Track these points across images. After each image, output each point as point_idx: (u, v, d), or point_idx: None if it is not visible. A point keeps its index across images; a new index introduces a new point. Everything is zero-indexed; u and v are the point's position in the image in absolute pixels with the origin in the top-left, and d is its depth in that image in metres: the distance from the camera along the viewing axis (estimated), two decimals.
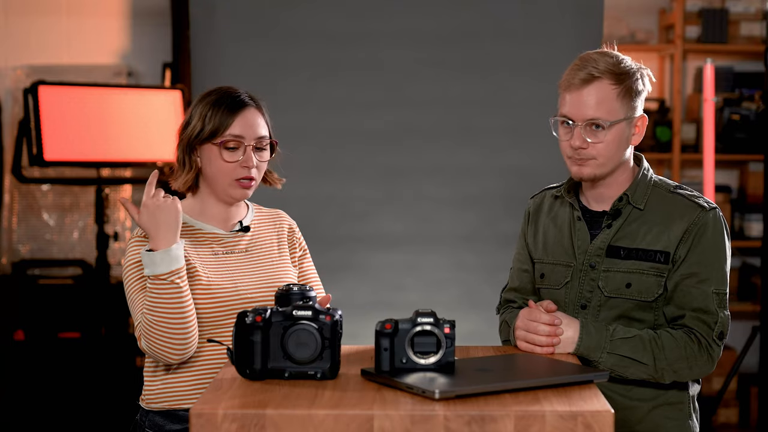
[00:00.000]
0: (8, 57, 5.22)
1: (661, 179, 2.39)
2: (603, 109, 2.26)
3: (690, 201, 2.32)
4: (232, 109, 2.35)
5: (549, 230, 2.45)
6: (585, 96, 2.27)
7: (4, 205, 5.15)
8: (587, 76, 2.27)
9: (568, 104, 2.30)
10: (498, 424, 1.70)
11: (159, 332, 2.20)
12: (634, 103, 2.29)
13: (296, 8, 4.39)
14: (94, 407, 4.61)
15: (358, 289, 4.36)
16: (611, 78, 2.26)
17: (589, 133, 2.28)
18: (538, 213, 2.50)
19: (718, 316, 2.26)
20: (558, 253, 2.40)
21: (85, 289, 4.81)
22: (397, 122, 4.41)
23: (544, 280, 2.42)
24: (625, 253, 2.31)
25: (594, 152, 2.29)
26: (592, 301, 2.34)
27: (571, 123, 2.29)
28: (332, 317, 1.91)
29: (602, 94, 2.26)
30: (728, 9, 5.34)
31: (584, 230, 2.37)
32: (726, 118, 5.23)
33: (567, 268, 2.38)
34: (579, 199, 2.41)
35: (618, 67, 2.27)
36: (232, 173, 2.34)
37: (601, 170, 2.31)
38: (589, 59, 2.29)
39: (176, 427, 2.32)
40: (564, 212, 2.43)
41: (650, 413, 2.31)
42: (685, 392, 2.34)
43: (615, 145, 2.28)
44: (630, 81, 2.28)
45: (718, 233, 2.30)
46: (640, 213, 2.33)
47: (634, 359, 2.23)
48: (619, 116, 2.27)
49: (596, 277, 2.33)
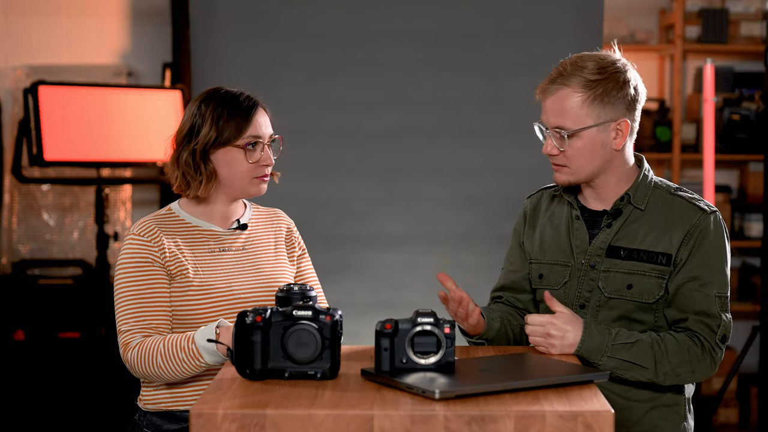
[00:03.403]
0: (8, 57, 5.22)
1: (661, 181, 2.39)
2: (567, 117, 2.26)
3: (691, 204, 2.31)
4: (248, 111, 2.36)
5: (546, 230, 2.44)
6: (549, 104, 2.29)
7: (4, 205, 5.15)
8: (551, 84, 2.27)
9: (542, 111, 2.31)
10: (498, 424, 1.70)
11: (161, 374, 2.23)
12: (608, 108, 2.26)
13: (296, 8, 4.38)
14: (94, 407, 4.61)
15: (358, 289, 4.36)
16: (578, 86, 2.24)
17: (557, 140, 2.28)
18: (536, 213, 2.49)
19: (721, 320, 2.25)
20: (555, 253, 2.39)
21: (85, 289, 4.81)
22: (397, 122, 4.40)
23: (543, 281, 2.41)
24: (625, 253, 2.30)
25: (564, 159, 2.29)
26: (591, 301, 2.33)
27: (545, 129, 2.30)
28: (332, 317, 1.91)
29: (566, 103, 2.26)
30: (728, 9, 5.34)
31: (583, 229, 2.36)
32: (726, 118, 5.23)
33: (565, 268, 2.37)
34: (577, 198, 2.40)
35: (592, 74, 2.24)
36: (253, 172, 2.36)
37: (575, 177, 2.31)
38: (562, 66, 2.29)
39: (174, 427, 2.32)
40: (561, 211, 2.42)
41: (647, 414, 2.31)
42: (681, 395, 2.34)
43: (587, 152, 2.27)
44: (604, 86, 2.24)
45: (720, 237, 2.30)
46: (641, 213, 2.32)
47: (636, 363, 2.22)
48: (587, 123, 2.25)
49: (596, 278, 2.32)
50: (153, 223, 2.35)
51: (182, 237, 2.35)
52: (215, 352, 2.15)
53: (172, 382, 2.28)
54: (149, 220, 2.36)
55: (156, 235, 2.32)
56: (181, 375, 2.21)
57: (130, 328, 2.26)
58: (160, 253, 2.30)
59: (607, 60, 2.28)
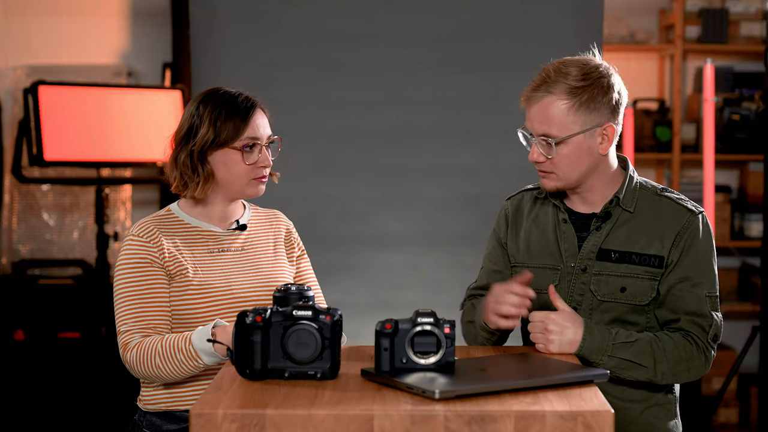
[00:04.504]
0: (8, 57, 5.22)
1: (646, 181, 2.38)
2: (553, 124, 2.25)
3: (679, 205, 2.32)
4: (246, 113, 2.35)
5: (532, 233, 2.42)
6: (534, 112, 2.27)
7: (4, 205, 5.15)
8: (536, 91, 2.26)
9: (527, 118, 2.30)
10: (498, 424, 1.70)
11: (160, 375, 2.23)
12: (594, 114, 2.25)
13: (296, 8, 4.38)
14: (94, 407, 4.61)
15: (358, 289, 4.35)
16: (562, 93, 2.23)
17: (543, 147, 2.27)
18: (518, 214, 2.47)
19: (713, 319, 2.27)
20: (543, 256, 2.38)
21: (85, 289, 4.81)
22: (397, 122, 4.40)
23: (532, 284, 2.41)
24: (616, 256, 2.30)
25: (551, 166, 2.29)
26: (583, 305, 2.32)
27: (530, 137, 2.30)
28: (332, 317, 1.91)
29: (551, 111, 2.24)
30: (728, 9, 5.34)
31: (571, 233, 2.35)
32: (726, 118, 5.23)
33: (554, 272, 2.36)
34: (563, 201, 2.39)
35: (576, 80, 2.23)
36: (250, 174, 2.36)
37: (564, 183, 2.31)
38: (545, 73, 2.27)
39: (173, 427, 2.32)
40: (546, 213, 2.41)
41: (642, 414, 2.32)
42: (672, 394, 2.37)
43: (574, 159, 2.27)
44: (590, 92, 2.23)
45: (708, 237, 2.32)
46: (630, 216, 2.32)
47: (635, 362, 2.23)
48: (573, 130, 2.25)
49: (587, 281, 2.32)
50: (152, 223, 2.35)
51: (181, 237, 2.35)
52: (213, 353, 2.14)
53: (172, 383, 2.28)
54: (148, 220, 2.37)
55: (155, 235, 2.32)
56: (179, 375, 2.21)
57: (130, 329, 2.26)
58: (159, 254, 2.30)
59: (590, 65, 2.27)
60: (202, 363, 2.17)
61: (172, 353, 2.18)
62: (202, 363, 2.17)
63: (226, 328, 2.13)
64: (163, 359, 2.19)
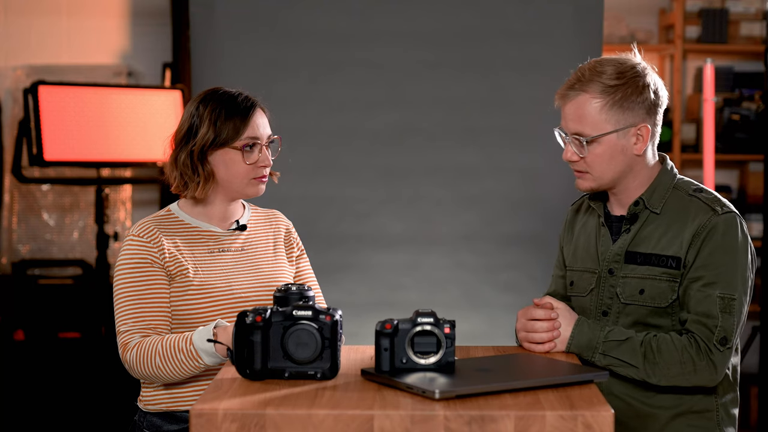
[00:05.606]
0: (8, 57, 5.22)
1: (684, 181, 2.34)
2: (585, 123, 2.23)
3: (705, 204, 2.26)
4: (246, 112, 2.35)
5: (580, 237, 2.43)
6: (567, 110, 2.26)
7: (4, 205, 5.15)
8: (570, 90, 2.25)
9: (562, 116, 2.29)
10: (498, 424, 1.70)
11: (159, 375, 2.22)
12: (628, 113, 2.23)
13: (296, 8, 4.38)
14: (94, 407, 4.61)
15: (358, 289, 4.35)
16: (596, 92, 2.22)
17: (576, 146, 2.26)
18: (574, 220, 2.48)
19: (721, 320, 2.19)
20: (585, 260, 2.38)
21: (85, 289, 4.81)
22: (397, 122, 4.40)
23: (573, 288, 2.40)
24: (641, 258, 2.27)
25: (585, 166, 2.27)
26: (612, 308, 2.30)
27: (565, 135, 2.29)
28: (332, 317, 1.91)
29: (584, 109, 2.23)
30: (728, 9, 5.34)
31: (607, 236, 2.34)
32: (726, 118, 5.23)
33: (592, 275, 2.35)
34: (605, 205, 2.38)
35: (610, 79, 2.22)
36: (250, 173, 2.36)
37: (598, 183, 2.29)
38: (580, 72, 2.26)
39: (174, 427, 2.32)
40: (592, 218, 2.41)
41: (672, 422, 2.25)
42: (712, 397, 2.27)
43: (607, 158, 2.25)
44: (623, 91, 2.22)
45: (730, 237, 2.23)
46: (656, 217, 2.29)
47: (624, 361, 2.20)
48: (605, 129, 2.23)
49: (615, 284, 2.30)
50: (152, 224, 2.35)
51: (181, 238, 2.35)
52: (214, 353, 2.14)
53: (171, 383, 2.28)
54: (148, 221, 2.37)
55: (155, 235, 2.32)
56: (179, 375, 2.21)
57: (129, 329, 2.26)
58: (159, 254, 2.30)
59: (626, 64, 2.25)
60: (202, 363, 2.17)
61: (172, 353, 2.18)
62: (202, 363, 2.17)
63: (227, 328, 2.13)
64: (163, 359, 2.19)
